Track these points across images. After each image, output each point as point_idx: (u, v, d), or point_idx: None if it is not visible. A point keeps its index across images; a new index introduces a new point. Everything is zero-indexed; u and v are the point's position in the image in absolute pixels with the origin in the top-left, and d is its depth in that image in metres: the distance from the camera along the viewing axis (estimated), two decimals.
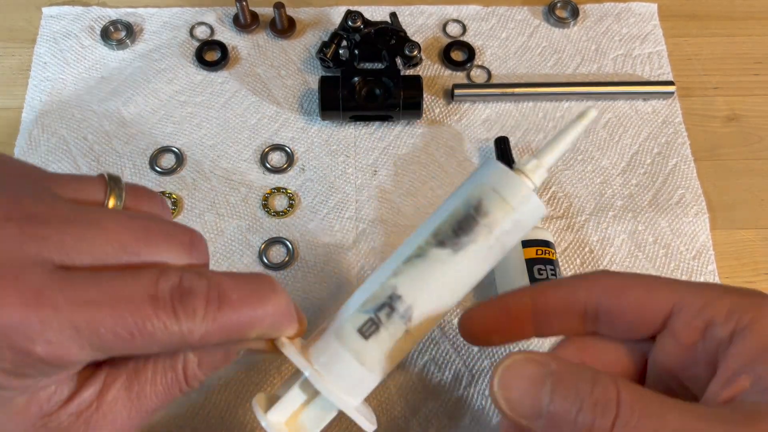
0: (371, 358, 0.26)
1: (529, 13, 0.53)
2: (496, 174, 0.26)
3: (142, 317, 0.21)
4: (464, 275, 0.26)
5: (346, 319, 0.26)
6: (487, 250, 0.25)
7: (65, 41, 0.50)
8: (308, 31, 0.52)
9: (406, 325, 0.25)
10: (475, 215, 0.25)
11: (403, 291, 0.25)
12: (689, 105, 0.50)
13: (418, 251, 0.26)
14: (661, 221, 0.45)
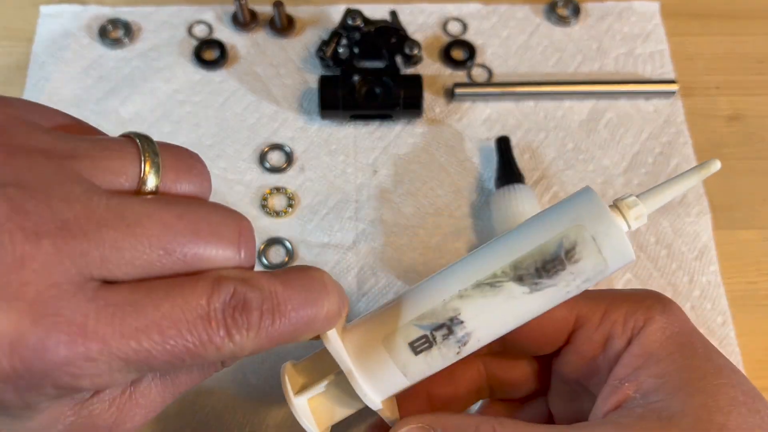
0: (416, 372, 0.25)
1: (530, 11, 0.53)
2: (597, 217, 0.23)
3: (194, 342, 0.19)
4: (531, 313, 0.25)
5: (399, 330, 0.25)
6: (563, 295, 0.24)
7: (63, 40, 0.50)
8: (308, 29, 0.51)
9: (459, 348, 0.25)
10: (564, 259, 0.23)
11: (466, 317, 0.24)
12: (691, 104, 0.49)
13: (492, 279, 0.24)
14: (663, 221, 0.45)
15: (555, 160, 0.47)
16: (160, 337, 0.19)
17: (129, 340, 0.18)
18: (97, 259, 0.18)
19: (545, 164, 0.46)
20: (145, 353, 0.19)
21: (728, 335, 0.41)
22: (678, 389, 0.23)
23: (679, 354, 0.24)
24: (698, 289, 0.42)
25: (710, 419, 0.22)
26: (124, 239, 0.19)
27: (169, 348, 0.19)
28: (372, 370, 0.25)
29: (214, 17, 0.52)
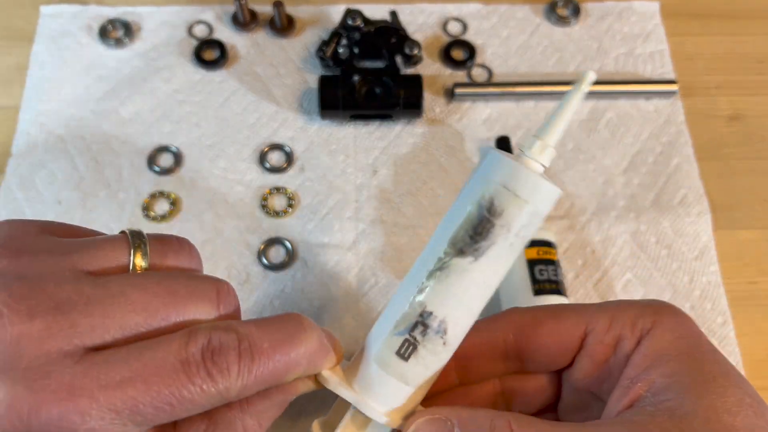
0: (414, 376, 0.26)
1: (530, 11, 0.53)
2: (502, 168, 0.24)
3: (177, 386, 0.21)
4: (490, 278, 0.25)
5: (383, 345, 0.26)
6: (509, 249, 0.25)
7: (63, 40, 0.50)
8: (307, 29, 0.51)
9: (443, 338, 0.25)
10: (489, 217, 0.24)
11: (432, 307, 0.25)
12: (691, 104, 0.49)
13: (439, 264, 0.25)
14: (663, 221, 0.44)
15: (555, 160, 0.47)
16: (143, 385, 0.21)
17: (115, 391, 0.20)
18: (86, 328, 0.21)
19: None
20: (132, 401, 0.21)
21: (728, 335, 0.41)
22: (688, 389, 0.23)
23: (688, 355, 0.25)
24: (698, 289, 0.42)
25: (719, 419, 0.23)
26: (111, 309, 0.22)
27: (154, 394, 0.21)
28: (377, 392, 0.26)
29: (214, 17, 0.52)
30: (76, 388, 0.20)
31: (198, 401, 0.22)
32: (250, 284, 0.42)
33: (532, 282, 0.38)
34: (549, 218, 0.44)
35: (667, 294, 0.42)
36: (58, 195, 0.44)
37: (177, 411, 0.21)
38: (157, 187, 0.45)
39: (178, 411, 0.21)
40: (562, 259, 0.43)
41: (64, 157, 0.45)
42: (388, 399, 0.26)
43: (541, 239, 0.40)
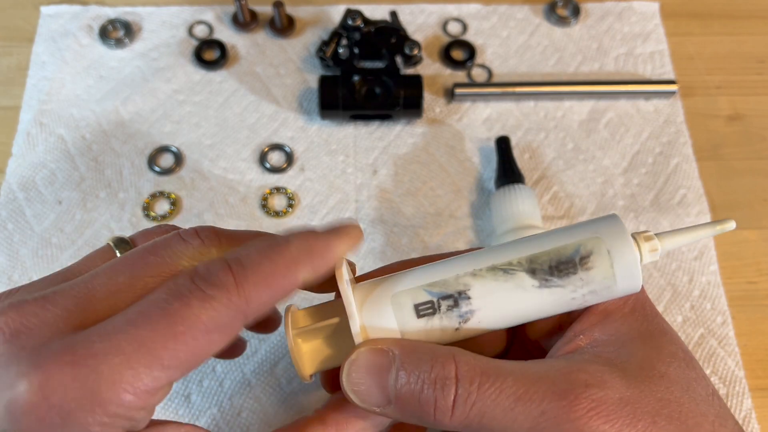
0: (412, 335, 0.26)
1: (530, 11, 0.53)
2: (617, 239, 0.25)
3: (176, 317, 0.21)
4: (533, 308, 0.25)
5: (408, 290, 0.26)
6: (569, 300, 0.25)
7: (63, 40, 0.50)
8: (308, 29, 0.51)
9: (459, 324, 0.25)
10: (578, 264, 0.25)
11: (474, 294, 0.25)
12: (691, 104, 0.49)
13: (507, 266, 0.25)
14: (662, 221, 0.45)
15: (555, 160, 0.47)
16: (158, 339, 0.21)
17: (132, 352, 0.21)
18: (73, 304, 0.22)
19: (545, 164, 0.47)
20: (153, 355, 0.21)
21: (728, 335, 0.41)
22: (626, 344, 0.25)
23: (632, 316, 0.26)
24: (698, 289, 0.42)
25: (652, 367, 0.24)
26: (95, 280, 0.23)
27: (169, 337, 0.21)
28: (373, 325, 0.25)
29: (214, 17, 0.52)
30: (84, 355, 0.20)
31: (209, 323, 0.21)
32: None
33: None
34: (549, 218, 0.44)
35: (667, 294, 0.42)
36: (58, 195, 0.44)
37: (193, 343, 0.21)
38: (158, 187, 0.45)
39: (195, 342, 0.21)
40: None
41: (64, 157, 0.46)
42: (377, 335, 0.26)
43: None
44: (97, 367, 0.20)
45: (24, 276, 0.41)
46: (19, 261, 0.42)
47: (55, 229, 0.43)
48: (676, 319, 0.41)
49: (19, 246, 0.42)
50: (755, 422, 0.39)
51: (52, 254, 0.42)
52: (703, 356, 0.40)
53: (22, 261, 0.42)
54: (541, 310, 0.25)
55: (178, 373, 0.22)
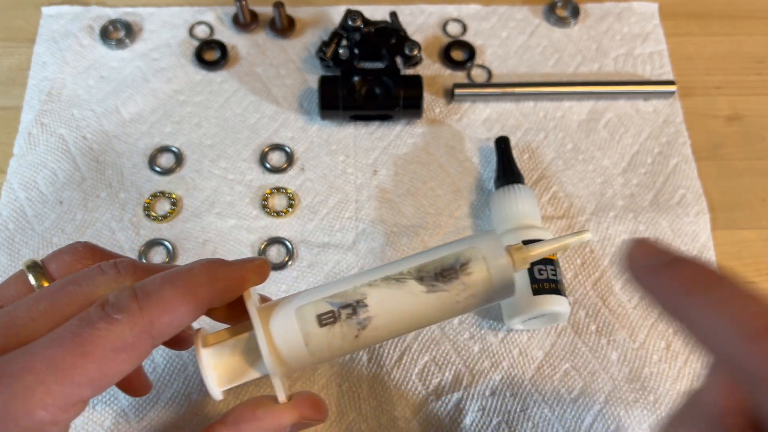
0: (316, 344, 0.27)
1: (529, 12, 0.53)
2: (493, 248, 0.28)
3: (83, 339, 0.23)
4: (423, 314, 0.28)
5: (312, 303, 0.28)
6: (454, 304, 0.28)
7: (64, 41, 0.50)
8: (308, 30, 0.51)
9: (358, 331, 0.27)
10: (459, 270, 0.28)
11: (370, 302, 0.27)
12: (690, 104, 0.49)
13: (399, 276, 0.28)
14: (662, 221, 0.45)
15: (554, 161, 0.47)
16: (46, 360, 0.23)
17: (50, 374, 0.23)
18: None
19: (545, 164, 0.47)
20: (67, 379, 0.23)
21: None
22: None
23: None
24: None
25: None
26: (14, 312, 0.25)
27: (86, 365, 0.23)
28: (279, 335, 0.27)
29: (214, 18, 0.52)
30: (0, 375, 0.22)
31: (115, 342, 0.24)
32: None
33: (531, 281, 0.38)
34: (548, 218, 0.44)
35: None
36: (59, 195, 0.44)
37: (102, 362, 0.23)
38: (158, 187, 0.45)
39: (103, 361, 0.23)
40: (561, 259, 0.43)
41: (65, 157, 0.46)
42: (283, 348, 0.27)
43: (540, 239, 0.40)
44: (11, 386, 0.22)
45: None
46: (20, 261, 0.42)
47: (56, 229, 0.43)
48: None
49: (20, 246, 0.43)
50: None
51: None
52: (702, 356, 0.40)
53: (22, 261, 0.42)
54: (431, 315, 0.28)
55: (89, 391, 0.23)
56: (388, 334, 0.28)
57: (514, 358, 0.40)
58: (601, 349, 0.41)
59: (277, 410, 0.27)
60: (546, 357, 0.40)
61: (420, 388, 0.39)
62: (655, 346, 0.41)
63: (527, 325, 0.40)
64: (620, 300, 0.42)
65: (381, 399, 0.39)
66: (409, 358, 0.40)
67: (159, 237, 0.43)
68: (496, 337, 0.41)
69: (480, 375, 0.40)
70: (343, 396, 0.39)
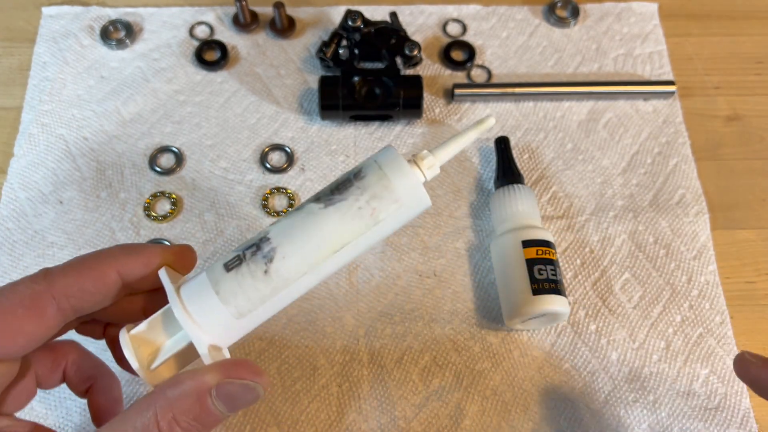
0: (226, 289, 0.27)
1: (529, 12, 0.53)
2: (385, 153, 0.28)
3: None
4: (330, 230, 0.27)
5: (221, 258, 0.28)
6: (357, 211, 0.27)
7: (65, 41, 0.50)
8: (308, 30, 0.52)
9: (266, 265, 0.26)
10: (352, 179, 0.27)
11: (272, 235, 0.27)
12: (690, 105, 0.49)
13: (299, 206, 0.28)
14: (661, 221, 0.45)
15: (554, 161, 0.47)
16: None
17: None
18: None
19: (544, 164, 0.47)
20: None
21: (726, 334, 0.41)
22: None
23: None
24: (697, 289, 0.43)
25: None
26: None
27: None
28: (191, 295, 0.27)
29: (215, 18, 0.52)
30: None
31: (12, 298, 0.26)
32: None
33: (531, 281, 0.38)
34: (548, 218, 0.44)
35: (666, 293, 0.42)
36: (59, 195, 0.44)
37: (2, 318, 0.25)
38: (159, 187, 0.45)
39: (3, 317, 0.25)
40: (560, 259, 0.43)
41: (65, 157, 0.46)
42: (199, 306, 0.27)
43: (540, 239, 0.40)
44: None
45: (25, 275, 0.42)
46: (21, 261, 0.42)
47: (56, 229, 0.43)
48: (675, 318, 0.42)
49: (21, 246, 0.43)
50: (753, 421, 0.39)
51: (53, 254, 0.42)
52: (701, 355, 0.40)
53: (23, 261, 0.42)
54: (337, 229, 0.27)
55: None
56: (301, 261, 0.27)
57: (514, 358, 0.40)
58: (601, 349, 0.41)
59: (199, 371, 0.25)
60: (546, 357, 0.40)
61: (420, 388, 0.39)
62: (655, 346, 0.41)
63: (527, 325, 0.40)
64: (620, 300, 0.42)
65: (381, 399, 0.39)
66: (409, 358, 0.40)
67: (159, 237, 0.43)
68: (496, 337, 0.41)
69: (480, 375, 0.40)
70: (343, 396, 0.39)
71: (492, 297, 0.42)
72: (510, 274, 0.39)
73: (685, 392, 0.40)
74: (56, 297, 0.26)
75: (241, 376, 0.26)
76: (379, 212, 0.27)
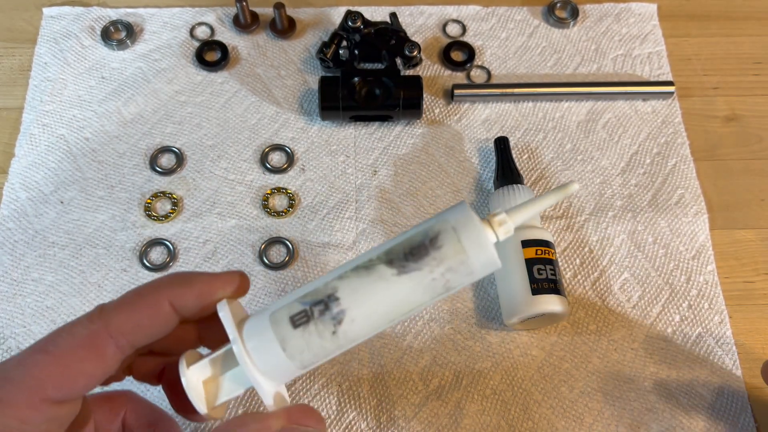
0: (293, 346, 0.27)
1: (528, 13, 0.53)
2: (461, 216, 0.26)
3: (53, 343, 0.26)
4: (401, 299, 0.26)
5: (284, 305, 0.27)
6: (430, 282, 0.26)
7: (65, 41, 0.50)
8: (308, 31, 0.52)
9: (334, 327, 0.26)
10: (428, 245, 0.26)
11: (341, 294, 0.26)
12: (689, 105, 0.50)
13: (368, 263, 0.27)
14: (660, 221, 0.45)
15: (553, 161, 0.47)
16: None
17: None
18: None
19: (544, 165, 0.47)
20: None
21: (725, 334, 0.41)
22: None
23: None
24: (695, 289, 0.43)
25: None
26: None
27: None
28: (255, 343, 0.27)
29: (215, 19, 0.52)
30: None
31: (70, 340, 0.26)
32: (251, 284, 0.42)
33: (531, 281, 0.38)
34: (547, 218, 0.45)
35: (665, 293, 0.42)
36: (60, 195, 0.44)
37: (61, 359, 0.25)
38: (159, 187, 0.45)
39: (62, 359, 0.25)
40: (560, 259, 0.43)
41: (66, 157, 0.46)
42: (261, 355, 0.27)
43: (539, 239, 0.40)
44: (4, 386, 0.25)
45: (26, 275, 0.42)
46: (22, 261, 0.42)
47: (57, 229, 0.43)
48: (674, 318, 0.42)
49: (22, 246, 0.43)
50: (752, 420, 0.39)
51: (54, 254, 0.42)
52: (700, 355, 0.41)
53: (24, 261, 0.42)
54: (409, 298, 0.26)
55: (53, 390, 0.25)
56: (368, 326, 0.27)
57: (514, 358, 0.40)
58: (601, 348, 0.41)
59: (265, 415, 0.26)
60: (546, 357, 0.40)
61: (420, 387, 0.39)
62: (655, 345, 0.41)
63: (527, 324, 0.40)
64: (619, 300, 0.42)
65: (381, 399, 0.39)
66: (409, 357, 0.40)
67: (160, 237, 0.43)
68: (496, 336, 0.41)
69: (480, 375, 0.40)
70: (343, 396, 0.39)
71: (492, 297, 0.42)
72: (509, 273, 0.39)
73: (685, 392, 0.40)
74: (113, 335, 0.26)
75: (304, 423, 0.27)
76: (451, 283, 0.26)
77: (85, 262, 0.42)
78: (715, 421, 0.39)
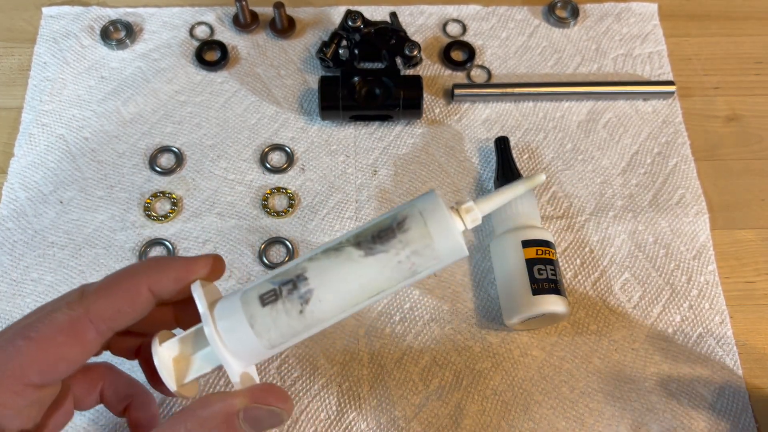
0: (261, 324, 0.27)
1: (529, 12, 0.53)
2: (429, 202, 0.27)
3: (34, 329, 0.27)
4: (368, 280, 0.27)
5: (255, 285, 0.28)
6: (396, 264, 0.27)
7: (65, 41, 0.50)
8: (308, 30, 0.52)
9: (301, 306, 0.27)
10: (395, 229, 0.27)
11: (310, 275, 0.27)
12: (689, 105, 0.50)
13: (337, 246, 0.27)
14: (661, 221, 0.45)
15: (554, 161, 0.47)
16: None
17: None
18: None
19: (544, 164, 0.47)
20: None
21: (726, 334, 0.41)
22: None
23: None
24: (696, 289, 0.43)
25: None
26: None
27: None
28: (225, 322, 0.27)
29: (215, 18, 0.52)
30: None
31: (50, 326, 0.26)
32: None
33: (531, 281, 0.38)
34: (547, 218, 0.45)
35: (665, 293, 0.42)
36: (60, 195, 0.44)
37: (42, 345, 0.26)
38: (159, 187, 0.45)
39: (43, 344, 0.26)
40: (560, 259, 0.43)
41: (66, 157, 0.46)
42: (231, 334, 0.27)
43: (540, 239, 0.40)
44: None
45: (25, 275, 0.42)
46: (21, 261, 0.42)
47: (56, 229, 0.43)
48: (675, 318, 0.42)
49: (21, 246, 0.43)
50: (753, 420, 0.39)
51: (53, 254, 0.42)
52: (701, 355, 0.41)
53: (23, 261, 0.42)
54: (377, 279, 0.27)
55: (36, 375, 0.26)
56: (336, 307, 0.27)
57: (514, 358, 0.40)
58: (602, 349, 0.41)
59: (228, 394, 0.27)
60: (546, 357, 0.40)
61: (420, 387, 0.39)
62: (656, 345, 0.41)
63: (527, 325, 0.40)
64: (620, 300, 0.42)
65: (381, 399, 0.39)
66: (409, 358, 0.40)
67: (159, 237, 0.43)
68: (496, 337, 0.41)
69: (480, 375, 0.40)
70: (343, 396, 0.39)
71: (492, 297, 0.42)
72: (510, 274, 0.39)
73: (686, 392, 0.40)
74: (94, 321, 0.27)
75: (267, 402, 0.27)
76: (417, 266, 0.27)
77: (84, 262, 0.42)
78: (715, 422, 0.39)
